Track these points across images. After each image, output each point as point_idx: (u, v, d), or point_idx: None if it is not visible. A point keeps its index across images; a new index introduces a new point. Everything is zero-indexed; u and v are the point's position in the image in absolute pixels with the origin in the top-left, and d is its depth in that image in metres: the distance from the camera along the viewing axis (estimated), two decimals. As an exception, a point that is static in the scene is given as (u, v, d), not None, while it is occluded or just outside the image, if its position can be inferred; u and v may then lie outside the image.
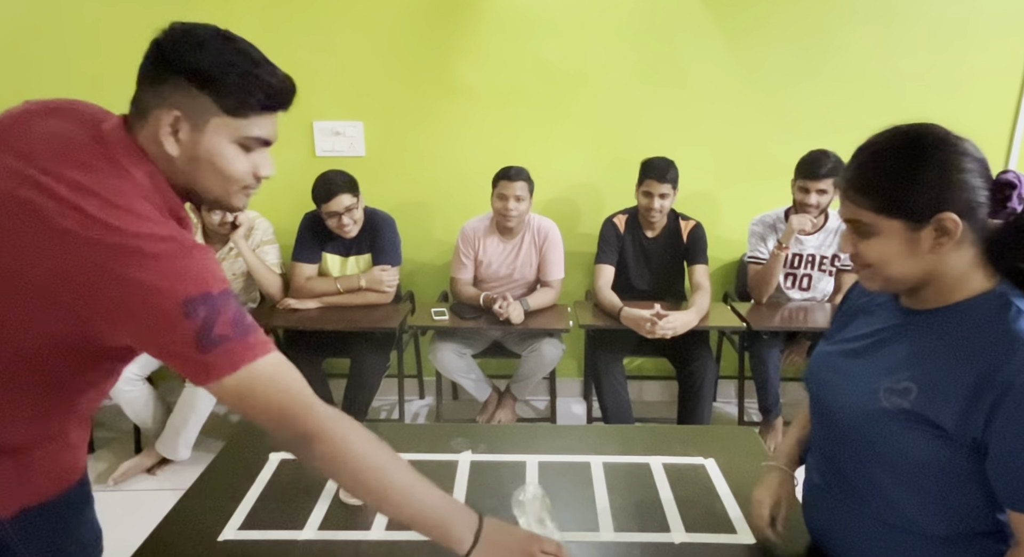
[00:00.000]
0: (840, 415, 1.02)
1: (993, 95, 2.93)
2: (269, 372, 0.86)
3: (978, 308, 0.90)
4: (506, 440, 1.51)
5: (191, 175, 0.90)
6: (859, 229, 0.92)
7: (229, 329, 0.82)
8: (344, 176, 2.63)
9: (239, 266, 2.73)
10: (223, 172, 0.91)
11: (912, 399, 0.90)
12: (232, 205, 0.96)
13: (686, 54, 2.92)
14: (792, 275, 2.84)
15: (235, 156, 0.91)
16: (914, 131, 0.90)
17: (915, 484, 0.93)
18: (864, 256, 0.93)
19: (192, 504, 1.25)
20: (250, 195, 0.98)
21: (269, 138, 0.94)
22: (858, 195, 0.90)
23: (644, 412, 3.06)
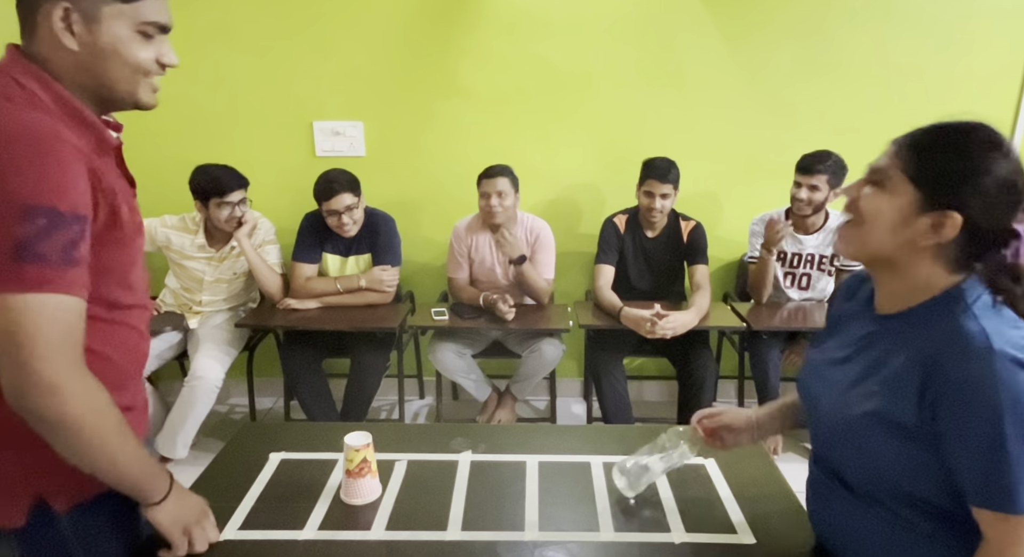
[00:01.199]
0: (826, 423, 1.04)
1: (993, 95, 2.93)
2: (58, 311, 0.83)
3: (934, 308, 0.91)
4: (506, 440, 1.50)
5: (96, 71, 0.90)
6: (877, 178, 0.92)
7: (53, 252, 0.81)
8: (346, 175, 2.64)
9: (240, 265, 2.73)
10: (128, 60, 0.91)
11: (876, 402, 0.92)
12: (140, 100, 0.97)
13: (687, 54, 2.92)
14: (792, 274, 2.85)
15: (137, 43, 0.92)
16: (982, 129, 0.90)
17: (897, 483, 0.94)
18: (861, 205, 0.93)
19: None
20: (155, 88, 0.98)
21: (166, 23, 0.95)
22: (904, 151, 0.90)
23: (644, 412, 3.06)
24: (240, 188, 2.61)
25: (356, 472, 1.23)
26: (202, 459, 1.44)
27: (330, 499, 1.26)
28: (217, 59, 2.90)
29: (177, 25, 2.89)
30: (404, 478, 1.34)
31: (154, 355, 2.63)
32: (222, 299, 2.76)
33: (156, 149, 2.98)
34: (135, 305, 1.03)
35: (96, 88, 0.92)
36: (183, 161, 2.98)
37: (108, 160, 0.97)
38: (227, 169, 2.61)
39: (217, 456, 1.42)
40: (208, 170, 2.59)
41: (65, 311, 0.84)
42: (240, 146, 2.96)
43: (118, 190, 0.93)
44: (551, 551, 1.12)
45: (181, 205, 2.89)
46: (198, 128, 2.99)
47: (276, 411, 3.20)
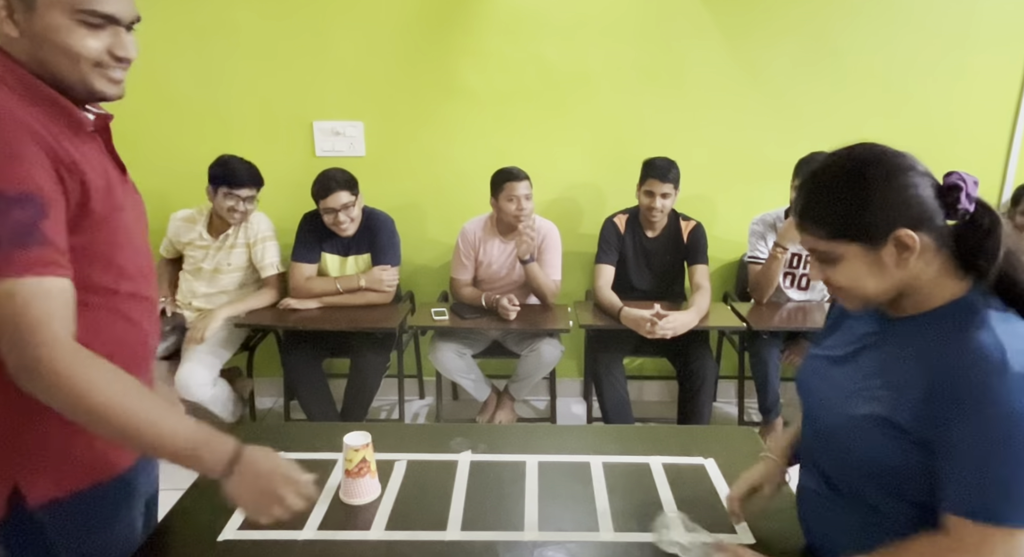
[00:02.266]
0: (823, 421, 1.04)
1: (993, 95, 2.93)
2: (25, 294, 0.80)
3: (947, 315, 0.91)
4: (506, 440, 1.50)
5: (40, 59, 0.89)
6: (822, 257, 0.94)
7: (10, 235, 0.79)
8: (344, 174, 2.64)
9: (235, 257, 2.73)
10: (67, 49, 0.89)
11: (879, 405, 0.92)
12: (95, 89, 0.93)
13: (687, 55, 2.92)
14: (791, 275, 2.84)
15: (77, 32, 0.88)
16: (852, 155, 0.92)
17: (896, 486, 0.94)
18: (835, 281, 0.95)
19: (192, 504, 1.25)
20: (114, 79, 0.94)
21: (114, 14, 0.90)
22: (812, 225, 0.93)
23: (644, 412, 3.06)
24: (252, 186, 2.62)
25: (355, 472, 1.23)
26: (202, 459, 1.44)
27: (330, 499, 1.26)
28: (217, 59, 2.90)
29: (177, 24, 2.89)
30: (404, 478, 1.34)
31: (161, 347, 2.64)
32: (219, 292, 2.75)
33: (156, 149, 2.98)
34: (128, 293, 0.99)
35: (48, 76, 0.90)
36: (183, 161, 2.98)
37: (91, 144, 0.96)
38: (247, 164, 2.63)
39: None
40: (229, 160, 2.61)
41: (31, 292, 0.80)
42: (240, 146, 2.95)
43: (89, 168, 0.90)
44: (551, 551, 1.12)
45: (179, 203, 2.90)
46: (198, 128, 2.99)
47: (276, 411, 3.20)
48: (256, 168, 2.65)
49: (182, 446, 0.90)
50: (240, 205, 2.61)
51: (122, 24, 0.92)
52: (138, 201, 1.08)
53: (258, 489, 0.93)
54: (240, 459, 0.93)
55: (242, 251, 2.74)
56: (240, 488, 0.93)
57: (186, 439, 0.90)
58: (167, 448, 0.89)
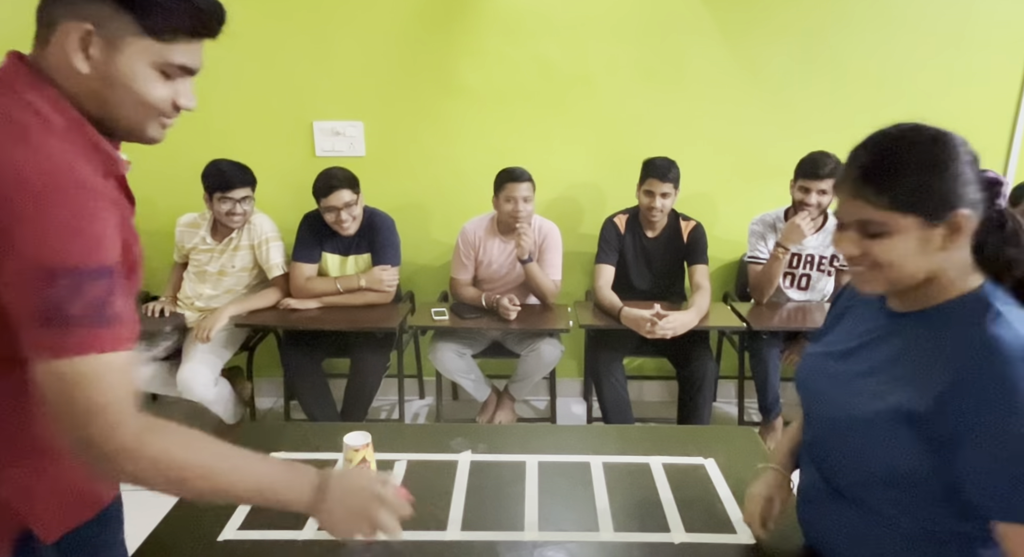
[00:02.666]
0: (826, 418, 1.02)
1: (993, 95, 2.93)
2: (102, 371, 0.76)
3: (959, 309, 0.90)
4: (506, 440, 1.51)
5: (102, 99, 0.84)
6: (868, 228, 0.89)
7: (86, 312, 0.74)
8: (345, 173, 2.64)
9: (240, 259, 2.74)
10: (140, 97, 0.84)
11: (891, 400, 0.90)
12: (146, 135, 0.90)
13: (686, 54, 2.92)
14: (791, 275, 2.84)
15: (154, 81, 0.85)
16: (923, 128, 0.90)
17: (899, 485, 0.93)
18: (875, 256, 0.89)
19: (192, 504, 1.24)
20: (166, 126, 0.92)
21: (193, 66, 0.89)
22: (873, 192, 0.87)
23: (644, 412, 3.06)
24: (244, 186, 2.62)
25: (356, 472, 1.23)
26: (202, 459, 1.44)
27: (330, 499, 1.25)
28: (217, 59, 2.88)
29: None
30: (404, 478, 1.34)
31: (151, 355, 2.64)
32: (224, 292, 2.75)
33: (155, 149, 2.97)
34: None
35: (99, 116, 0.86)
36: (183, 161, 2.98)
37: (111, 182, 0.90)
38: (237, 166, 2.63)
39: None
40: (218, 164, 2.61)
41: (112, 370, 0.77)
42: (240, 146, 2.95)
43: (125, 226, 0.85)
44: (551, 551, 1.12)
45: (179, 205, 2.90)
46: (198, 128, 2.98)
47: (276, 411, 3.20)
48: (246, 167, 2.65)
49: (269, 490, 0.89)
50: (237, 207, 2.61)
51: (192, 74, 0.90)
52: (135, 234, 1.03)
53: (348, 512, 0.91)
54: (327, 486, 0.91)
55: (247, 253, 2.74)
56: (332, 516, 0.91)
57: (272, 481, 0.89)
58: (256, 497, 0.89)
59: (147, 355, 2.62)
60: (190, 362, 2.55)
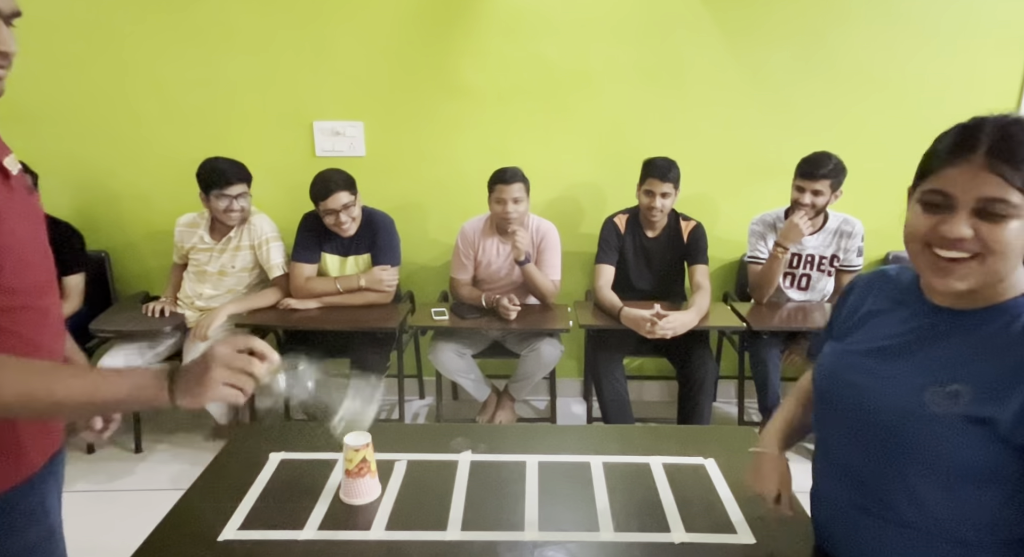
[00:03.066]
0: (876, 418, 0.96)
1: (993, 95, 2.93)
2: None
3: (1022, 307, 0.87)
4: (506, 440, 1.51)
5: None
6: (993, 209, 0.81)
7: None
8: (342, 174, 2.64)
9: (240, 259, 2.74)
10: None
11: (964, 401, 0.86)
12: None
13: (686, 54, 2.92)
14: (791, 275, 2.84)
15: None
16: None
17: (955, 488, 0.89)
18: (989, 241, 0.82)
19: (192, 504, 1.25)
20: (2, 77, 0.87)
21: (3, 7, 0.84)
22: (1011, 169, 0.80)
23: (644, 412, 3.06)
24: (240, 182, 2.62)
25: (356, 472, 1.23)
26: (202, 459, 1.44)
27: (330, 499, 1.26)
28: (217, 59, 2.89)
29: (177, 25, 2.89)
30: (404, 478, 1.34)
31: (153, 355, 2.64)
32: (225, 293, 2.75)
33: (156, 150, 2.98)
34: (19, 307, 0.93)
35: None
36: (183, 161, 2.98)
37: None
38: (231, 162, 2.63)
39: (217, 456, 1.42)
40: (213, 162, 2.61)
41: None
42: (240, 146, 2.95)
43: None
44: (551, 551, 1.12)
45: (179, 205, 2.90)
46: (198, 128, 2.99)
47: (276, 411, 3.20)
48: (241, 164, 2.65)
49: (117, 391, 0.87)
50: (234, 204, 2.62)
51: (5, 17, 0.86)
52: (31, 203, 0.98)
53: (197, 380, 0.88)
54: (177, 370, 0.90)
55: (247, 253, 2.75)
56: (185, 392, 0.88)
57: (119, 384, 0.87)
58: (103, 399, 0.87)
59: (149, 355, 2.62)
60: (188, 360, 2.55)
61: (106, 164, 2.97)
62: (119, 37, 2.81)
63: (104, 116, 2.91)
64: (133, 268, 3.16)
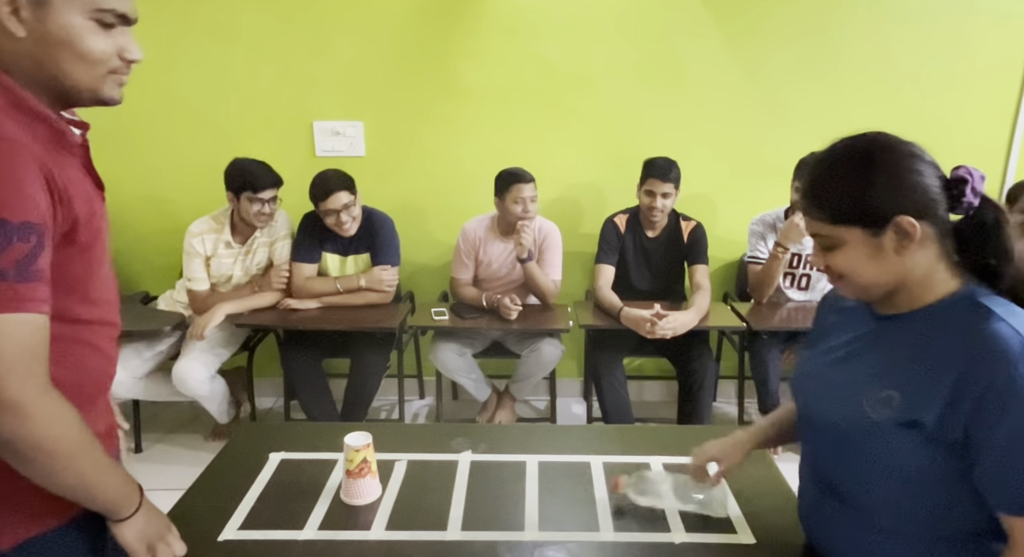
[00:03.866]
0: (826, 425, 1.02)
1: (993, 95, 2.93)
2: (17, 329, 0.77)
3: (948, 310, 0.91)
4: (506, 440, 1.50)
5: (50, 63, 0.82)
6: (823, 242, 0.94)
7: (10, 267, 0.75)
8: (341, 174, 2.64)
9: (259, 256, 2.74)
10: (82, 52, 0.82)
11: (895, 406, 0.91)
12: (103, 94, 0.88)
13: (686, 54, 2.92)
14: (791, 275, 2.84)
15: (92, 33, 0.83)
16: (860, 140, 0.92)
17: (907, 489, 0.93)
18: (834, 267, 0.95)
19: (192, 504, 1.25)
20: (122, 84, 0.90)
21: (127, 13, 0.86)
22: (814, 209, 0.93)
23: (644, 412, 3.06)
24: (274, 187, 2.61)
25: (356, 472, 1.23)
26: (202, 459, 1.44)
27: (330, 499, 1.26)
28: (217, 59, 2.90)
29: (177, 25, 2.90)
30: (404, 478, 1.34)
31: (153, 354, 2.63)
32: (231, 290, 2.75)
33: (155, 150, 2.98)
34: (97, 321, 0.96)
35: (49, 80, 0.84)
36: (183, 161, 2.99)
37: (71, 160, 0.89)
38: (263, 166, 2.61)
39: (217, 456, 1.42)
40: (245, 165, 2.59)
41: (24, 329, 0.78)
42: (240, 146, 2.95)
43: (76, 193, 0.85)
44: (551, 551, 1.12)
45: (179, 205, 2.90)
46: (198, 128, 2.99)
47: (276, 411, 3.20)
48: (271, 167, 2.63)
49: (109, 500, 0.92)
50: (266, 208, 2.61)
51: (130, 23, 0.88)
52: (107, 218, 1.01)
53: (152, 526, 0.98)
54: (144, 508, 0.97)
55: (265, 251, 2.75)
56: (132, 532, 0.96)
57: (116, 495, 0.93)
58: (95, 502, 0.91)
59: (148, 354, 2.62)
60: (186, 358, 2.56)
61: (106, 164, 2.95)
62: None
63: (104, 116, 2.89)
64: (133, 268, 3.16)
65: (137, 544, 0.96)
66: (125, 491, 0.94)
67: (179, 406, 2.94)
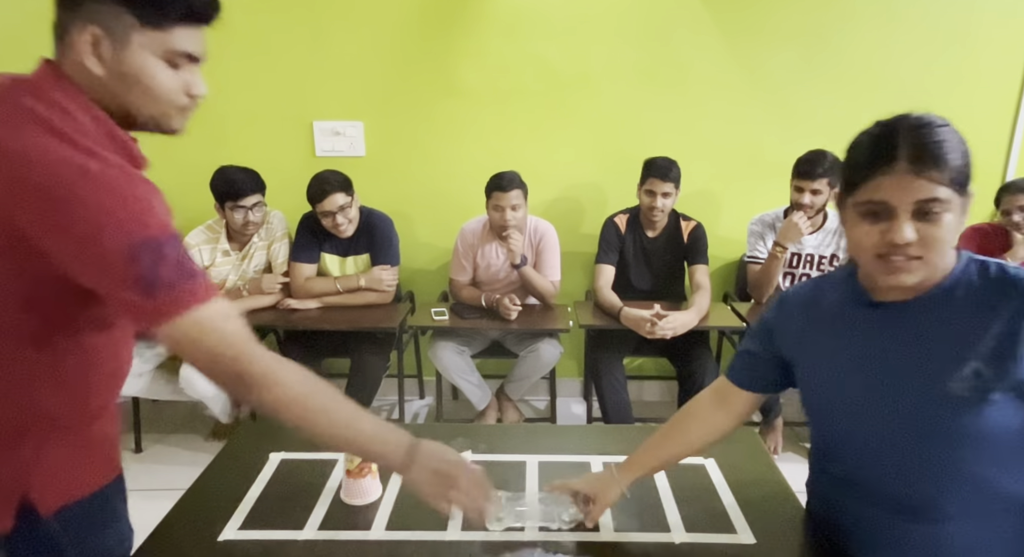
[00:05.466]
0: (894, 433, 0.96)
1: (993, 95, 2.93)
2: (212, 318, 0.86)
3: (964, 277, 0.94)
4: (506, 440, 1.50)
5: (122, 96, 0.89)
6: (931, 208, 0.86)
7: (174, 274, 0.83)
8: (338, 175, 2.63)
9: (257, 259, 2.74)
10: (151, 89, 0.90)
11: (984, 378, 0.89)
12: (170, 126, 0.96)
13: (686, 54, 2.92)
14: (791, 275, 2.84)
15: (162, 71, 0.90)
16: None
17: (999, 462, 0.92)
18: (932, 237, 0.87)
19: (192, 504, 1.25)
20: (187, 117, 0.97)
21: (196, 53, 0.94)
22: (933, 169, 0.86)
23: (644, 412, 3.06)
24: (255, 192, 2.61)
25: (356, 472, 1.23)
26: (202, 459, 1.44)
27: (330, 499, 1.26)
28: (217, 59, 2.88)
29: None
30: (404, 478, 1.33)
31: (153, 354, 2.64)
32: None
33: (154, 150, 2.97)
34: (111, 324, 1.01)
35: (118, 109, 0.91)
36: (183, 161, 2.98)
37: None
38: (245, 172, 2.60)
39: (217, 456, 1.42)
40: (226, 172, 2.59)
41: (213, 316, 0.86)
42: (240, 146, 2.96)
43: None
44: (551, 551, 1.12)
45: (177, 205, 2.87)
46: (198, 128, 2.97)
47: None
48: (256, 173, 2.63)
49: (369, 444, 0.99)
50: (250, 215, 2.61)
51: (198, 62, 0.95)
52: None
53: (433, 477, 1.00)
54: (417, 451, 1.00)
55: (263, 253, 2.75)
56: (417, 480, 1.00)
57: (373, 436, 0.99)
58: (356, 448, 1.01)
59: (148, 354, 2.62)
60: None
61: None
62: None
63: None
64: (133, 268, 3.16)
65: (424, 496, 1.00)
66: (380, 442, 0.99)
67: (179, 406, 2.94)
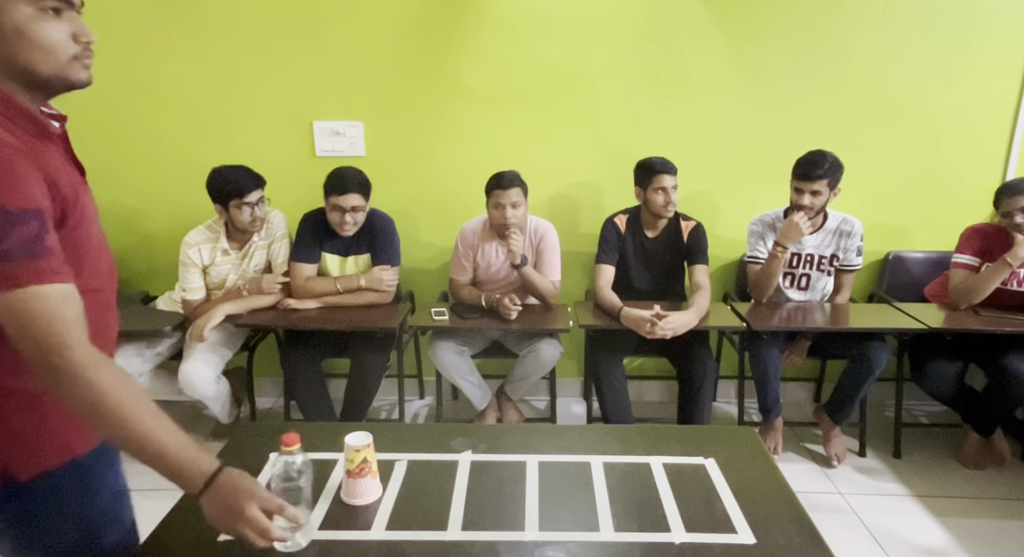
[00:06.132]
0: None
1: (993, 95, 2.93)
2: (43, 301, 0.85)
3: None
4: (506, 440, 1.51)
5: (14, 58, 0.88)
6: None
7: (18, 248, 0.82)
8: (360, 176, 2.63)
9: (257, 259, 2.74)
10: (37, 41, 0.89)
11: None
12: (72, 78, 0.94)
13: (686, 54, 2.92)
14: (791, 275, 2.85)
15: (44, 22, 0.89)
16: None
17: None
18: None
19: (192, 504, 1.24)
20: (87, 66, 0.96)
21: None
22: None
23: (644, 412, 3.07)
24: (257, 188, 2.60)
25: (356, 472, 1.23)
26: (202, 459, 1.44)
27: (330, 499, 1.26)
28: (217, 59, 2.90)
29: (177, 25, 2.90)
30: (404, 478, 1.34)
31: (153, 354, 2.64)
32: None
33: (155, 149, 2.98)
34: (98, 289, 1.03)
35: (21, 75, 0.90)
36: (183, 161, 2.99)
37: (53, 149, 0.96)
38: (243, 169, 2.59)
39: (217, 456, 1.42)
40: (224, 172, 2.58)
41: (53, 299, 0.86)
42: (240, 146, 2.96)
43: (60, 179, 0.92)
44: (551, 551, 1.12)
45: (178, 204, 2.90)
46: (198, 128, 2.99)
47: (276, 411, 3.20)
48: (251, 169, 2.62)
49: (171, 460, 0.95)
50: (256, 211, 2.60)
51: (75, 8, 0.93)
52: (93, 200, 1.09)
53: (225, 505, 0.97)
54: (215, 481, 0.97)
55: (263, 252, 2.75)
56: (209, 504, 0.97)
57: (176, 454, 0.95)
58: (156, 460, 0.94)
59: (148, 354, 2.62)
60: (191, 359, 2.56)
61: (106, 164, 2.97)
62: (119, 38, 2.81)
63: (104, 117, 2.90)
64: (134, 268, 3.16)
65: (214, 522, 0.98)
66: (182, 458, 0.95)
67: (179, 406, 2.94)
